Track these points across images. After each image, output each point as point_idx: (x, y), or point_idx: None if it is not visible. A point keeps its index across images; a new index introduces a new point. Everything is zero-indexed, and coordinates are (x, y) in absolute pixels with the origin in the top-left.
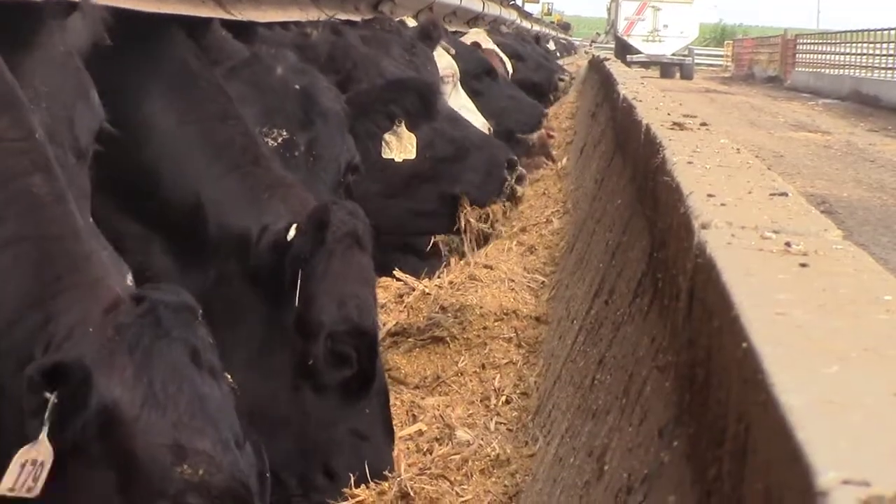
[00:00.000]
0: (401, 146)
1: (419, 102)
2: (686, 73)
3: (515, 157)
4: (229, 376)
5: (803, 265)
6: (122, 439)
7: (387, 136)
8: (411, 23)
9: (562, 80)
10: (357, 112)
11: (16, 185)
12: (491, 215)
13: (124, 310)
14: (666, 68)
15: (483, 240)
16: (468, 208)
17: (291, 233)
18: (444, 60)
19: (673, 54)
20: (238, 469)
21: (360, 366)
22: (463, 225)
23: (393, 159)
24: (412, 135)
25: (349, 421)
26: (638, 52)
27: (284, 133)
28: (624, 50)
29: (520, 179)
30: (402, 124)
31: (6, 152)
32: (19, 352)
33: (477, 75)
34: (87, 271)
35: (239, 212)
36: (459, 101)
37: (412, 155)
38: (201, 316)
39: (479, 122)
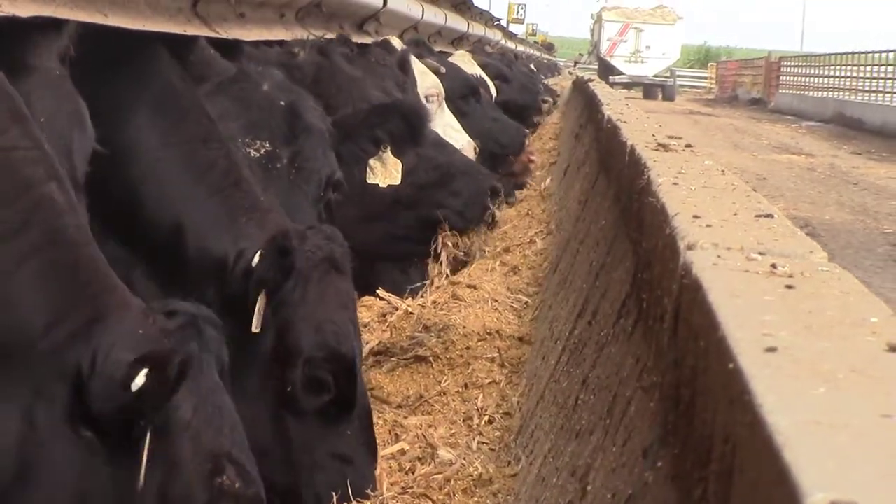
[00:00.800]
0: (386, 172)
1: (405, 127)
2: (668, 94)
3: (500, 186)
4: None
5: (789, 287)
6: (172, 440)
7: (372, 161)
8: (396, 42)
9: (546, 101)
10: (342, 135)
11: (38, 192)
12: (468, 242)
13: (162, 320)
14: (648, 89)
15: (458, 265)
16: (447, 233)
17: (255, 260)
18: (428, 80)
19: (655, 75)
20: (262, 486)
21: (339, 391)
22: (440, 248)
23: (370, 185)
24: (398, 161)
25: (331, 445)
26: (620, 72)
27: (267, 145)
28: (607, 71)
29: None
30: (388, 149)
31: (24, 160)
32: (60, 354)
33: (463, 96)
34: (112, 278)
35: (218, 236)
36: (444, 120)
37: (397, 181)
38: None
39: (463, 140)
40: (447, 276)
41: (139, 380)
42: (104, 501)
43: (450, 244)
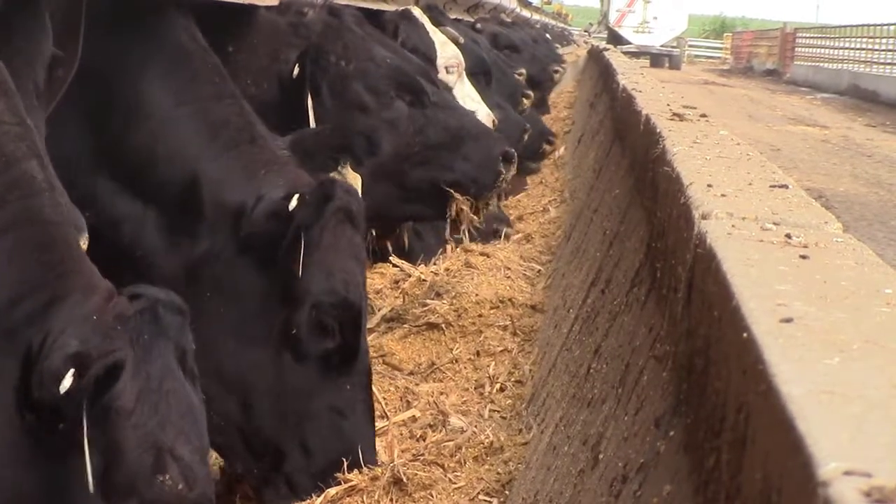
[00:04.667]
0: None
1: (367, 145)
2: (674, 63)
3: (512, 151)
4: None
5: (804, 257)
6: (113, 429)
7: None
8: (417, 12)
9: (556, 71)
10: (303, 157)
11: (18, 169)
12: (482, 208)
13: (122, 302)
14: (655, 59)
15: (475, 231)
16: (459, 198)
17: (293, 203)
18: (449, 49)
19: (662, 45)
20: (209, 484)
21: (343, 339)
22: (454, 214)
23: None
24: (357, 175)
25: (328, 396)
26: (628, 42)
27: None
28: (615, 41)
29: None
30: (347, 166)
31: (7, 136)
32: (16, 333)
33: (474, 74)
34: (82, 260)
35: (236, 188)
36: (464, 91)
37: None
38: (189, 320)
39: (483, 112)
40: (466, 238)
41: (66, 381)
42: (38, 487)
43: (465, 209)
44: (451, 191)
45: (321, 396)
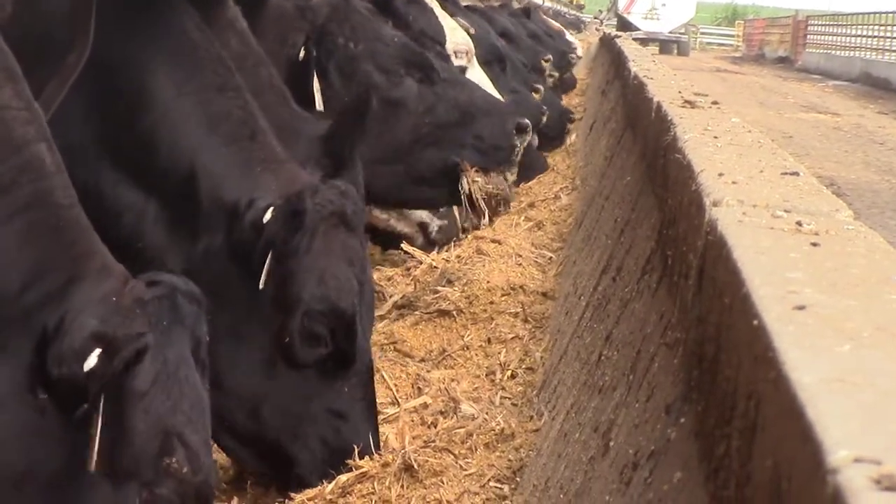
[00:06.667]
0: None
1: None
2: (682, 50)
3: (526, 122)
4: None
5: (815, 244)
6: (125, 409)
7: None
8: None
9: (551, 76)
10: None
11: (28, 152)
12: (497, 179)
13: (139, 286)
14: (664, 45)
15: (495, 204)
16: (471, 171)
17: (268, 216)
18: (458, 35)
19: (670, 32)
20: (212, 474)
21: (337, 346)
22: (467, 188)
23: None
24: None
25: (326, 400)
26: (637, 29)
27: None
28: (624, 27)
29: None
30: None
31: (16, 120)
32: (33, 313)
33: (488, 62)
34: (95, 242)
35: (231, 185)
36: (475, 77)
37: None
38: (206, 311)
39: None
40: (485, 215)
41: (90, 360)
42: (49, 465)
43: (479, 180)
44: (461, 166)
45: (319, 399)
